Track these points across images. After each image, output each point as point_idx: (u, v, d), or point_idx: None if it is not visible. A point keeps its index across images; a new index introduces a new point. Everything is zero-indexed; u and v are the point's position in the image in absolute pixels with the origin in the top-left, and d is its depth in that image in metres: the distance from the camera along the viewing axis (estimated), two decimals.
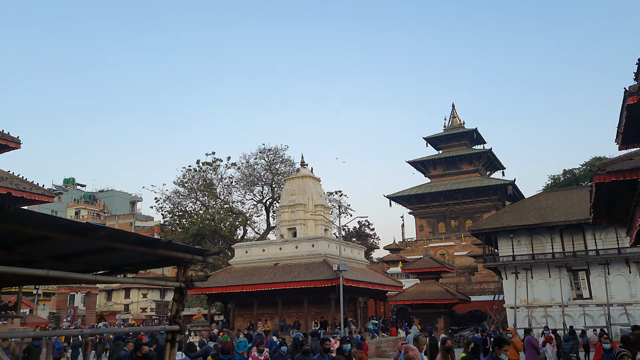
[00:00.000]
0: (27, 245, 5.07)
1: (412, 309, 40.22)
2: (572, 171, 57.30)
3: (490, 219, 37.09)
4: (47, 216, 4.19)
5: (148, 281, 6.00)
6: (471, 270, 52.97)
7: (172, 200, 50.43)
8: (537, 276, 33.47)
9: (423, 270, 40.67)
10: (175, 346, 5.70)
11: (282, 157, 50.85)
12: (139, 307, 69.24)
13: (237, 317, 33.14)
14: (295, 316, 30.75)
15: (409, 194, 62.59)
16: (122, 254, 5.49)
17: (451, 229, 61.03)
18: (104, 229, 4.55)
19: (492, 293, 42.87)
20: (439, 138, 66.14)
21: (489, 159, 63.68)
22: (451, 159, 63.44)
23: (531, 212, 34.56)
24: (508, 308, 34.24)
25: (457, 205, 61.09)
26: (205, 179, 50.76)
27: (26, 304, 39.69)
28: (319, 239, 31.85)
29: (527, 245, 34.08)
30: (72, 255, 5.63)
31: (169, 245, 5.29)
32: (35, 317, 39.60)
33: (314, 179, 36.12)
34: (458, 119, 67.46)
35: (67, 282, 6.07)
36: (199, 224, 47.57)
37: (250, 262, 33.09)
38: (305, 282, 28.57)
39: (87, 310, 62.14)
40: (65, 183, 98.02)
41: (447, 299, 38.31)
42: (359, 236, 64.18)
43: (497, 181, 59.95)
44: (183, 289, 5.74)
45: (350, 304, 31.25)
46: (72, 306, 60.83)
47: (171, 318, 5.68)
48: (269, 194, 50.81)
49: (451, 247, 57.75)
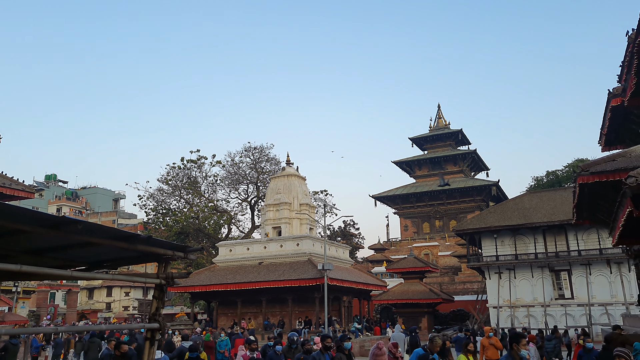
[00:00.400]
0: (0, 239, 4.89)
1: (396, 308, 40.32)
2: (555, 172, 57.98)
3: (474, 220, 37.35)
4: (21, 209, 4.02)
5: (127, 277, 5.85)
6: (455, 270, 53.31)
7: (155, 197, 49.93)
8: (520, 276, 33.79)
9: (407, 270, 40.80)
10: (154, 344, 5.55)
11: (268, 155, 50.68)
12: (121, 306, 68.41)
13: (221, 315, 32.89)
14: (280, 315, 30.62)
15: (394, 194, 62.78)
16: (101, 249, 5.32)
17: (435, 229, 61.36)
18: (80, 222, 4.39)
19: (475, 293, 43.16)
20: (425, 138, 66.44)
21: (473, 160, 64.15)
22: (436, 160, 63.78)
23: (515, 213, 34.87)
24: (491, 308, 34.52)
25: (441, 206, 61.44)
26: (189, 176, 50.33)
27: (5, 301, 38.97)
28: (303, 238, 31.75)
29: (510, 246, 34.38)
30: (49, 250, 5.45)
31: (149, 240, 5.14)
32: (15, 315, 38.87)
33: (300, 178, 36.01)
34: (444, 120, 67.86)
35: (42, 278, 5.88)
36: (183, 222, 47.15)
37: (234, 261, 32.87)
38: (290, 281, 28.46)
39: (68, 309, 61.15)
40: (46, 179, 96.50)
41: (430, 298, 38.47)
42: (344, 236, 64.21)
43: (481, 182, 60.42)
44: (163, 285, 5.59)
45: (334, 303, 31.21)
46: (52, 304, 59.85)
47: (151, 316, 5.53)
48: (254, 192, 50.58)
49: (435, 247, 58.05)
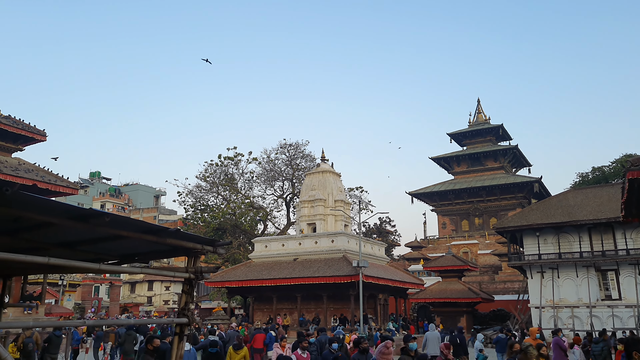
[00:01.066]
0: (31, 232, 4.91)
1: (434, 307, 39.66)
2: (601, 168, 55.65)
3: (516, 217, 36.25)
4: (49, 201, 4.00)
5: (156, 271, 5.80)
6: (495, 269, 52.05)
7: (194, 194, 50.74)
8: (564, 276, 32.57)
9: (445, 268, 40.07)
10: (183, 339, 5.49)
11: (303, 152, 50.63)
12: (161, 300, 70.16)
13: (257, 311, 33.12)
14: (315, 311, 30.56)
15: (431, 190, 61.79)
16: (131, 243, 5.29)
17: (475, 227, 60.05)
18: (107, 215, 4.34)
19: (516, 292, 41.99)
20: (464, 134, 65.07)
21: (514, 156, 62.37)
22: (475, 156, 62.35)
23: (558, 210, 33.63)
24: (533, 308, 33.42)
25: (481, 203, 60.06)
26: (226, 173, 50.88)
27: (52, 294, 40.45)
28: (338, 235, 31.56)
29: (553, 244, 33.18)
30: (80, 243, 5.46)
31: (178, 234, 5.07)
32: (60, 307, 40.36)
33: (334, 174, 35.80)
34: (483, 115, 66.28)
35: (71, 271, 5.91)
36: (220, 218, 47.73)
37: (269, 257, 33.02)
38: (325, 277, 28.32)
39: (111, 302, 63.17)
40: (91, 177, 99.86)
41: (469, 297, 37.66)
42: (380, 233, 63.64)
43: (523, 178, 58.71)
44: (192, 280, 5.52)
45: (370, 301, 30.90)
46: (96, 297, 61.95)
47: (180, 310, 5.46)
48: (289, 189, 50.70)
49: (474, 246, 56.83)
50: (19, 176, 24.70)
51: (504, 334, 19.24)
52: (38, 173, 26.57)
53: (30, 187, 24.34)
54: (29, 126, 27.25)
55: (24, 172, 25.48)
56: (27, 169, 26.16)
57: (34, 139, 27.79)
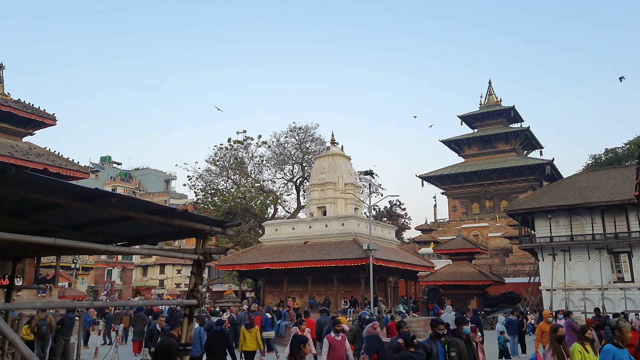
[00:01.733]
0: (39, 214, 4.86)
1: (444, 289, 39.69)
2: (614, 150, 54.89)
3: (527, 199, 35.94)
4: (54, 180, 3.92)
5: (164, 253, 5.73)
6: (506, 252, 51.86)
7: (204, 178, 50.89)
8: (576, 258, 32.34)
9: (456, 251, 40.00)
10: (193, 321, 5.46)
11: (313, 135, 50.46)
12: (173, 283, 70.93)
13: (268, 294, 33.35)
14: (325, 294, 30.69)
15: (442, 173, 61.43)
16: (139, 224, 5.23)
17: (485, 210, 59.73)
18: (114, 195, 4.26)
19: (527, 275, 41.85)
20: (475, 116, 64.39)
21: (526, 138, 61.69)
22: (487, 138, 61.76)
23: (570, 192, 33.27)
24: (544, 290, 33.30)
25: (492, 186, 59.64)
26: (236, 157, 50.92)
27: (65, 277, 41.00)
28: (348, 218, 31.52)
29: (565, 226, 32.90)
30: (89, 225, 5.42)
31: (186, 215, 5.00)
32: (74, 290, 40.95)
33: (344, 157, 35.64)
34: (495, 97, 65.45)
35: (79, 252, 5.86)
36: (231, 202, 47.89)
37: (280, 240, 33.11)
38: (335, 260, 28.36)
39: (124, 285, 64.05)
40: (102, 161, 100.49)
41: (480, 280, 37.61)
42: (390, 216, 63.53)
43: (534, 161, 58.10)
44: (201, 261, 5.46)
45: (380, 284, 30.95)
46: (109, 280, 62.79)
47: (189, 292, 5.42)
48: (299, 172, 50.67)
49: (485, 228, 56.59)
50: (29, 160, 24.86)
51: (515, 316, 19.18)
52: (49, 157, 26.72)
53: (41, 171, 24.48)
54: (38, 110, 27.34)
55: (34, 157, 25.63)
56: (37, 153, 26.31)
57: (44, 123, 27.89)
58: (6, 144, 25.33)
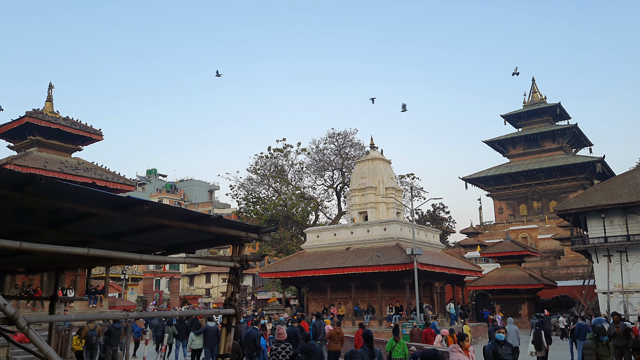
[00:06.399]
0: (74, 224, 4.83)
1: (493, 294, 38.47)
2: None
3: (578, 199, 34.41)
4: (84, 189, 3.84)
5: (201, 261, 5.64)
6: (557, 254, 49.88)
7: (246, 187, 51.45)
8: (634, 259, 30.64)
9: (504, 254, 38.75)
10: (231, 331, 5.30)
11: (352, 141, 50.22)
12: (219, 292, 71.88)
13: (311, 301, 33.18)
14: (369, 301, 30.25)
15: (486, 175, 59.86)
16: (174, 232, 5.13)
17: (533, 211, 57.71)
18: (146, 203, 4.16)
19: (580, 278, 40.05)
20: (518, 115, 62.52)
21: (574, 136, 59.33)
22: (532, 137, 59.79)
23: (625, 190, 31.62)
24: (600, 293, 31.71)
25: (539, 186, 57.61)
26: (276, 165, 51.25)
27: (115, 288, 42.16)
28: (391, 223, 31.02)
29: (621, 226, 31.27)
30: (124, 234, 5.36)
31: (220, 221, 4.85)
32: (124, 300, 42.03)
33: (384, 161, 35.18)
34: (539, 94, 63.34)
35: (113, 263, 5.82)
36: (272, 210, 48.17)
37: (322, 247, 32.94)
38: (378, 266, 27.92)
39: (171, 295, 65.39)
40: (148, 174, 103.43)
41: (530, 284, 36.25)
42: (434, 220, 62.36)
43: (583, 159, 55.75)
44: (238, 269, 5.31)
45: (426, 289, 30.23)
46: (157, 290, 64.26)
47: (226, 301, 5.26)
48: (339, 178, 50.48)
49: (534, 230, 54.65)
50: (78, 175, 25.68)
51: (583, 321, 18.02)
52: (96, 171, 27.59)
53: (89, 185, 25.29)
54: (86, 126, 28.31)
55: (83, 171, 26.48)
56: (86, 168, 27.21)
57: (91, 138, 28.86)
58: (56, 160, 26.31)
